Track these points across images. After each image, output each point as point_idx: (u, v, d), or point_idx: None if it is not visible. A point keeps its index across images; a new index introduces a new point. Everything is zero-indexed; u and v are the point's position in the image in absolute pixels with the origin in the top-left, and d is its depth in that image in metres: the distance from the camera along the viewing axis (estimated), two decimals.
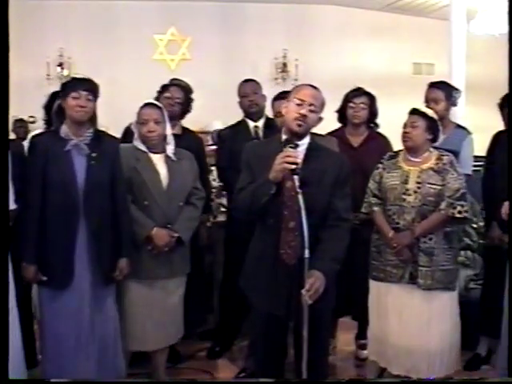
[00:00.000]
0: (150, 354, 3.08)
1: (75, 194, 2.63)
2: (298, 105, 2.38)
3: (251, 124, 3.61)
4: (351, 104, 3.46)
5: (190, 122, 3.67)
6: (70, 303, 2.67)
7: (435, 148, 3.00)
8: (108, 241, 2.73)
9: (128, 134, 3.22)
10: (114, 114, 4.00)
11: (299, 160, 2.28)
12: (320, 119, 2.46)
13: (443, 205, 2.85)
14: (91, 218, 2.66)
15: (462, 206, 2.86)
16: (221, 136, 3.78)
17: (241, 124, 3.66)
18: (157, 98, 3.40)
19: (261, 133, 3.58)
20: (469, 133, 3.50)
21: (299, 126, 2.37)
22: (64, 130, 2.66)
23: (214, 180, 4.13)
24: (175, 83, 3.54)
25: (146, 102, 2.96)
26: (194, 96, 3.63)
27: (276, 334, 2.48)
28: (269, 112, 3.57)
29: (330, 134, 3.47)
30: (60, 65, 7.22)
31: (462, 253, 3.84)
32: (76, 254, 2.66)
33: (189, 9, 7.41)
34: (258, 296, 2.48)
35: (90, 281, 2.70)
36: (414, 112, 2.96)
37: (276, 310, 2.40)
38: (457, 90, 3.56)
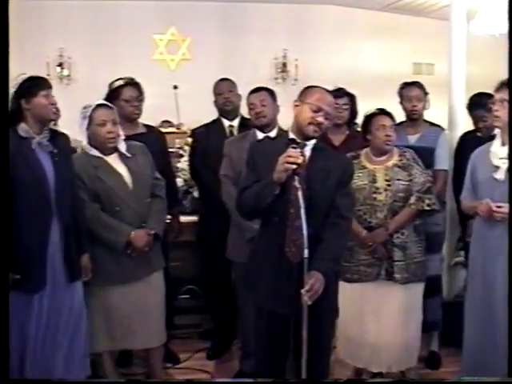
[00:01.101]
0: (146, 354, 3.09)
1: (48, 191, 2.59)
2: (315, 111, 2.38)
3: (226, 123, 3.60)
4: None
5: (190, 121, 3.67)
6: (43, 304, 2.62)
7: (403, 146, 3.12)
8: (75, 238, 2.71)
9: None
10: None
11: (300, 160, 2.28)
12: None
13: (413, 199, 2.93)
14: (63, 217, 2.64)
15: (430, 198, 2.96)
16: (195, 134, 3.77)
17: (215, 123, 3.65)
18: (108, 100, 3.26)
19: (236, 132, 3.57)
20: (443, 129, 3.58)
21: (315, 131, 2.40)
22: (24, 128, 2.59)
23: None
24: (128, 82, 3.42)
25: (98, 103, 2.90)
26: (193, 96, 3.63)
27: (279, 335, 2.48)
28: (244, 108, 3.54)
29: None
30: (60, 65, 7.22)
31: (462, 253, 3.85)
32: (49, 253, 2.62)
33: (189, 9, 7.40)
34: (261, 294, 2.48)
35: (63, 279, 2.67)
36: (385, 113, 3.02)
37: (279, 308, 2.40)
38: (427, 92, 3.61)
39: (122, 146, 2.93)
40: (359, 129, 3.55)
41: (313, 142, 2.46)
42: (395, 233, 2.94)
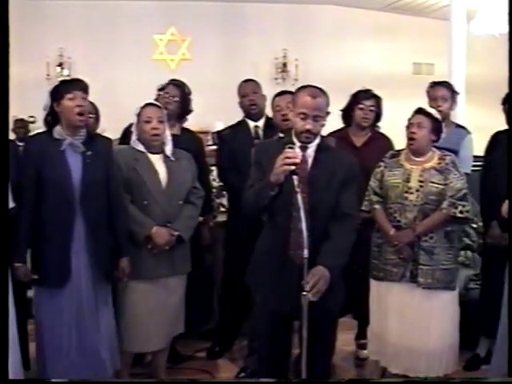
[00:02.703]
0: (151, 354, 3.08)
1: (71, 192, 2.63)
2: (302, 119, 2.37)
3: (251, 124, 3.60)
4: (361, 106, 3.43)
5: (190, 121, 3.67)
6: (67, 302, 2.67)
7: (437, 148, 3.00)
8: (106, 239, 2.74)
9: (127, 134, 3.21)
10: (114, 114, 4.00)
11: (298, 160, 2.28)
12: (327, 114, 2.45)
13: (445, 204, 2.86)
14: (88, 216, 2.67)
15: (464, 205, 2.87)
16: (221, 136, 3.78)
17: (241, 124, 3.65)
18: (155, 99, 3.40)
19: (261, 132, 3.58)
20: (468, 132, 3.51)
21: (307, 138, 2.39)
22: (58, 131, 2.67)
23: (214, 180, 4.13)
24: (172, 82, 3.51)
25: (148, 101, 2.98)
26: (193, 96, 3.62)
27: (281, 333, 2.48)
28: (269, 110, 3.57)
29: (332, 133, 3.46)
30: (60, 65, 7.22)
31: (462, 253, 3.84)
32: (73, 252, 2.66)
33: (189, 9, 7.41)
34: (264, 293, 2.48)
35: (88, 279, 2.70)
36: (420, 112, 2.95)
37: (281, 307, 2.40)
38: (456, 91, 3.57)
39: (168, 148, 2.97)
40: (381, 130, 3.55)
41: (316, 142, 2.45)
42: (423, 236, 2.87)
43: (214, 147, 4.31)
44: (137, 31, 7.26)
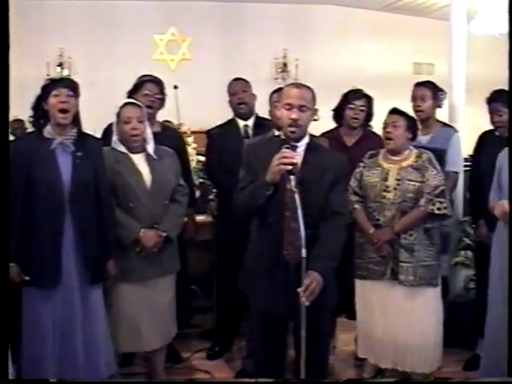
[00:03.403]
0: (148, 354, 3.08)
1: (60, 192, 2.62)
2: (288, 109, 2.37)
3: (241, 123, 3.60)
4: (351, 106, 3.46)
5: (190, 121, 3.67)
6: (58, 303, 2.65)
7: (424, 148, 3.06)
8: (95, 240, 2.72)
9: (107, 135, 3.17)
10: (114, 114, 3.99)
11: (295, 160, 2.28)
12: (315, 111, 2.45)
13: (422, 201, 2.90)
14: (77, 217, 2.65)
15: (441, 202, 2.91)
16: (210, 135, 3.76)
17: (230, 123, 3.65)
18: (129, 97, 3.30)
19: (251, 132, 3.57)
20: (455, 131, 3.54)
21: (292, 132, 2.38)
22: (48, 130, 2.66)
23: None
24: (149, 79, 3.44)
25: (127, 101, 2.95)
26: (193, 96, 3.62)
27: (276, 335, 2.48)
28: (259, 110, 3.54)
29: (324, 134, 3.47)
30: (60, 65, 7.22)
31: (462, 253, 3.85)
32: (63, 252, 2.64)
33: (189, 9, 7.40)
34: (258, 295, 2.47)
35: (77, 280, 2.68)
36: (394, 112, 3.01)
37: (276, 309, 2.39)
38: (442, 90, 3.58)
39: (150, 147, 2.95)
40: (374, 130, 3.57)
41: (306, 141, 2.44)
42: (403, 233, 2.92)
43: None
44: (137, 31, 7.25)
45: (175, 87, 5.28)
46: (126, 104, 2.92)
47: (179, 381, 3.32)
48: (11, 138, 5.37)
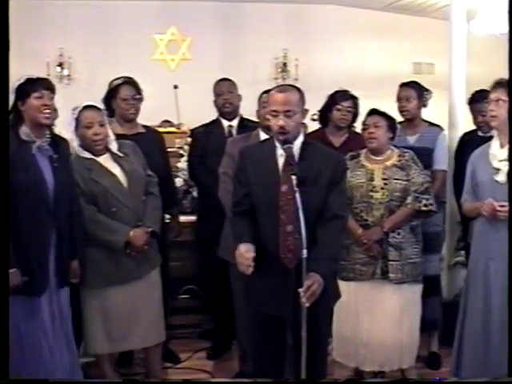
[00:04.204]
0: (145, 353, 3.09)
1: (46, 197, 2.58)
2: (274, 116, 2.36)
3: (225, 123, 3.61)
4: (338, 107, 3.48)
5: (190, 121, 3.68)
6: (43, 309, 2.61)
7: (402, 147, 3.13)
8: (69, 243, 2.71)
9: None
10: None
11: (251, 255, 2.28)
12: (305, 113, 2.43)
13: (409, 199, 2.95)
14: (60, 221, 2.63)
15: (427, 199, 2.97)
16: (194, 134, 3.77)
17: (215, 123, 3.66)
18: (107, 99, 3.30)
19: (235, 132, 3.59)
20: (442, 130, 3.57)
21: (283, 139, 2.37)
22: (25, 131, 2.57)
23: None
24: (123, 81, 3.40)
25: (86, 104, 2.88)
26: (193, 96, 3.63)
27: (275, 337, 2.47)
28: (244, 111, 3.54)
29: (309, 134, 3.49)
30: (60, 65, 7.22)
31: (462, 253, 3.85)
32: (49, 257, 2.62)
33: (189, 9, 7.40)
34: (257, 299, 2.47)
35: (55, 284, 2.66)
36: (374, 112, 3.04)
37: (277, 312, 2.39)
38: (427, 90, 3.60)
39: (114, 146, 2.93)
40: (358, 130, 3.57)
41: (300, 140, 2.43)
42: (391, 232, 2.96)
43: None
44: (137, 31, 7.24)
45: (175, 87, 5.29)
46: (86, 107, 2.85)
47: (179, 381, 3.33)
48: None
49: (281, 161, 2.39)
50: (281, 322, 2.42)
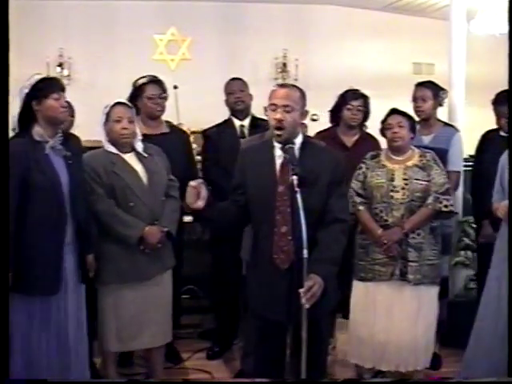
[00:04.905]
0: (148, 353, 3.09)
1: (62, 196, 2.60)
2: (273, 110, 2.35)
3: (237, 123, 3.61)
4: (349, 106, 3.47)
5: (190, 121, 3.68)
6: (55, 309, 2.63)
7: (416, 146, 3.10)
8: (86, 240, 2.73)
9: None
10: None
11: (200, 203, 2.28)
12: (305, 114, 2.43)
13: (430, 199, 2.93)
14: (76, 218, 2.66)
15: (448, 199, 2.96)
16: (207, 135, 3.78)
17: (227, 123, 3.66)
18: (132, 98, 3.33)
19: (247, 131, 3.59)
20: (457, 130, 3.54)
21: (279, 135, 2.35)
22: (38, 132, 2.59)
23: None
24: (149, 80, 3.45)
25: (117, 101, 2.95)
26: (193, 96, 3.63)
27: (275, 338, 2.47)
28: (256, 110, 3.54)
29: (320, 133, 3.48)
30: (60, 65, 7.20)
31: (462, 253, 3.85)
32: (64, 257, 2.63)
33: (189, 9, 7.40)
34: (258, 302, 2.47)
35: (73, 282, 2.68)
36: (396, 112, 3.03)
37: (276, 316, 2.39)
38: (443, 90, 3.58)
39: (139, 146, 2.97)
40: (369, 130, 3.57)
41: (299, 140, 2.42)
42: (411, 233, 2.93)
43: None
44: (137, 31, 7.24)
45: (175, 87, 5.28)
46: (117, 104, 2.93)
47: (179, 381, 3.33)
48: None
49: (279, 161, 2.39)
50: (280, 326, 2.42)
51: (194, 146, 4.38)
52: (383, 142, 3.24)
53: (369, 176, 3.02)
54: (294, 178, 2.24)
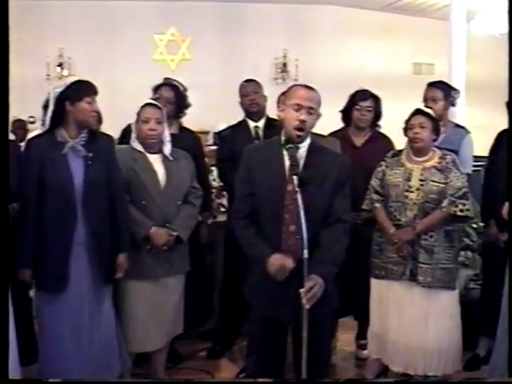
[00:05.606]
0: (150, 354, 3.08)
1: (72, 196, 2.61)
2: (296, 110, 2.33)
3: (252, 124, 3.61)
4: (357, 107, 3.44)
5: (190, 121, 3.67)
6: (68, 304, 2.65)
7: (438, 148, 3.03)
8: (108, 239, 2.73)
9: (126, 133, 3.22)
10: (114, 114, 3.99)
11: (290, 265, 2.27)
12: (318, 116, 2.44)
13: (445, 202, 2.88)
14: (91, 218, 2.65)
15: (464, 204, 2.88)
16: (221, 136, 3.79)
17: (241, 124, 3.66)
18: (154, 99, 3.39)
19: (261, 133, 3.58)
20: (468, 132, 3.51)
21: (299, 136, 2.34)
22: (61, 133, 2.63)
23: (214, 180, 4.13)
24: (166, 83, 3.49)
25: (147, 101, 2.98)
26: (193, 96, 3.63)
27: (276, 338, 2.47)
28: (271, 111, 3.56)
29: (332, 134, 3.47)
30: (60, 65, 7.23)
31: (462, 253, 3.84)
32: (75, 255, 2.64)
33: (189, 9, 7.41)
34: (260, 302, 2.47)
35: (90, 281, 2.69)
36: (420, 112, 2.97)
37: (278, 316, 2.39)
38: (455, 90, 3.56)
39: (167, 149, 2.98)
40: (382, 130, 3.56)
41: (307, 142, 2.43)
42: (423, 234, 2.90)
43: (214, 147, 4.31)
44: (137, 31, 7.26)
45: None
46: (147, 104, 2.95)
47: (179, 381, 3.32)
48: (12, 137, 5.41)
49: (288, 160, 2.38)
50: (282, 326, 2.42)
51: None
52: (399, 143, 3.19)
53: (387, 174, 2.99)
54: (294, 177, 2.24)
